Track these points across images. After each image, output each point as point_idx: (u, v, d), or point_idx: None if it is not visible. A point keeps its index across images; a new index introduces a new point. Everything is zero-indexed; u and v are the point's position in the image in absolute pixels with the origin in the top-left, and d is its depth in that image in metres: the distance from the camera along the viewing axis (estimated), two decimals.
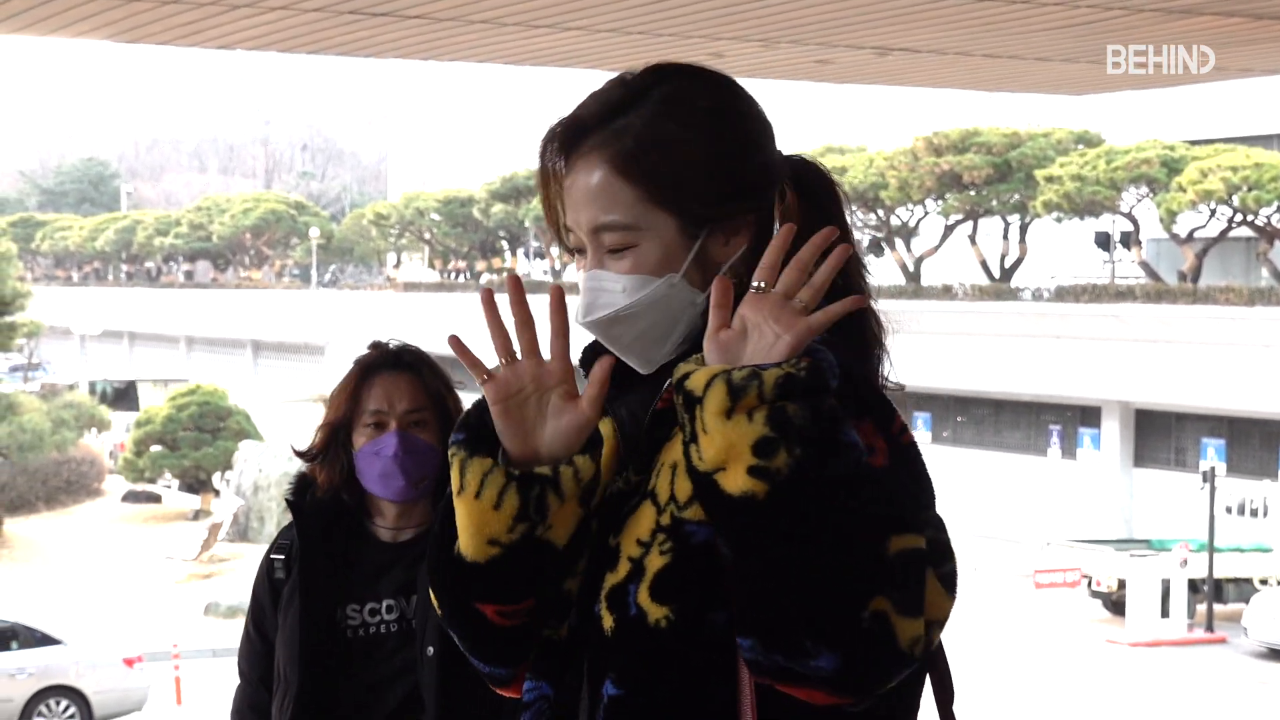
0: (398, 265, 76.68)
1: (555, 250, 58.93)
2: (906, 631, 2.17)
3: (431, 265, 69.96)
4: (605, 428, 2.36)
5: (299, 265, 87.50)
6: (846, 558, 2.16)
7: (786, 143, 2.44)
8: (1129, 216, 41.60)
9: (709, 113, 2.35)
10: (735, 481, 2.18)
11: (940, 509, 2.28)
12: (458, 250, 66.31)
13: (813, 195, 2.41)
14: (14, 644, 23.85)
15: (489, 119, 71.78)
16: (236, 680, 4.56)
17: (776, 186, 2.37)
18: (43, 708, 23.48)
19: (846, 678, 2.19)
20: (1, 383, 42.99)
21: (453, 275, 67.05)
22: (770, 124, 2.39)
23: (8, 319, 41.00)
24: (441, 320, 61.16)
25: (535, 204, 56.77)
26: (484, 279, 63.07)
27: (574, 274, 39.19)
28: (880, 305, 2.62)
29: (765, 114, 2.39)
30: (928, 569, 2.19)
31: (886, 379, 2.53)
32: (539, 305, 2.25)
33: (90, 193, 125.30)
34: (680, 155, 2.33)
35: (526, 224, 59.60)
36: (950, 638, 2.45)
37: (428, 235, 67.66)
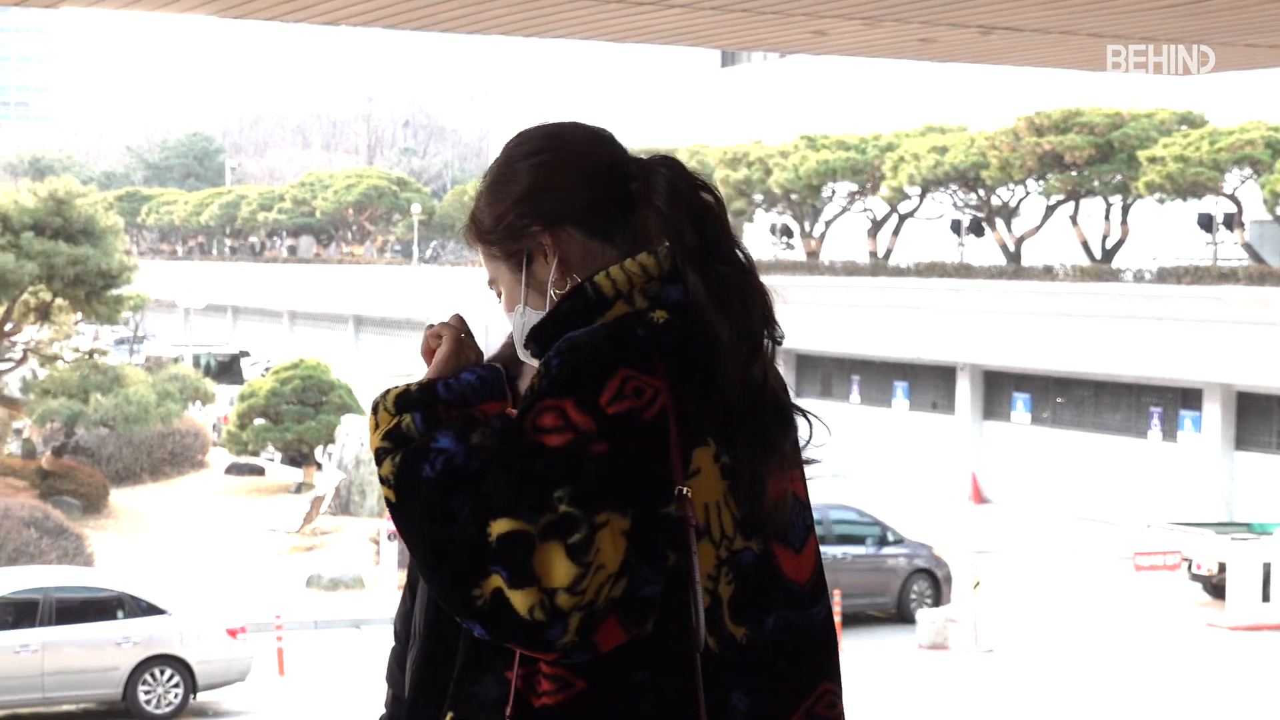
0: None
1: None
2: (522, 602, 2.59)
3: None
4: None
5: (400, 241, 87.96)
6: (450, 547, 2.63)
7: (886, 122, 2.61)
8: (1232, 198, 41.27)
9: (494, 170, 2.95)
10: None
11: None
12: None
13: (672, 194, 2.85)
14: (120, 613, 24.15)
15: (588, 96, 71.89)
16: (346, 649, 4.70)
17: (572, 208, 2.87)
18: (148, 676, 23.78)
19: (507, 642, 2.67)
20: (108, 355, 43.37)
21: None
22: (593, 153, 2.93)
23: (114, 292, 41.34)
24: None
25: None
26: None
27: None
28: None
29: (565, 146, 2.95)
30: (540, 544, 2.58)
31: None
32: None
33: (195, 168, 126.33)
34: (480, 212, 2.93)
35: None
36: (1051, 619, 2.59)
37: None
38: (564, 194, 2.88)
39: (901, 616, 29.66)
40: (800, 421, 2.94)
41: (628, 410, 2.66)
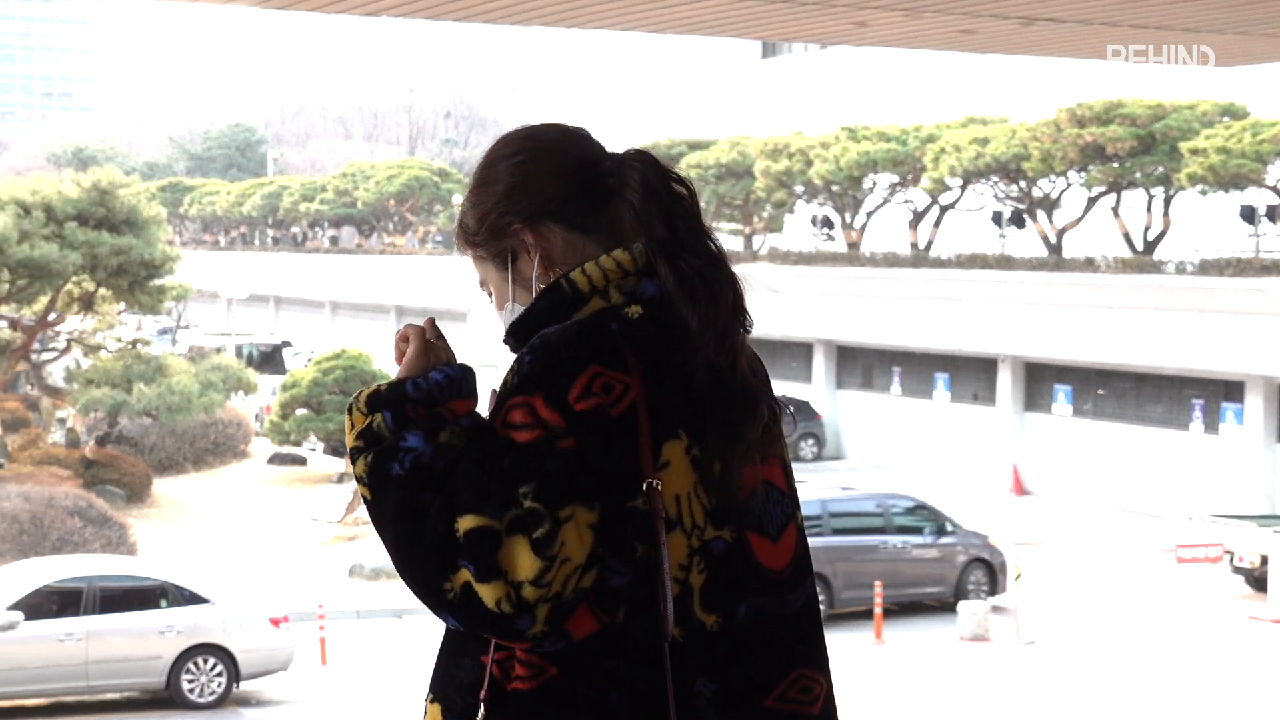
0: None
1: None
2: (489, 595, 2.68)
3: None
4: None
5: (442, 232, 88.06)
6: (420, 542, 2.74)
7: (927, 113, 2.65)
8: (1275, 190, 41.12)
9: (477, 174, 3.03)
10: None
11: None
12: None
13: (644, 188, 2.91)
14: (163, 602, 24.28)
15: (629, 87, 71.94)
16: (388, 639, 4.78)
17: (546, 203, 2.95)
18: (191, 665, 23.91)
19: (480, 633, 2.77)
20: (150, 345, 43.56)
21: None
22: (565, 150, 2.99)
23: (157, 282, 41.55)
24: None
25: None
26: None
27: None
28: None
29: (560, 146, 3.00)
30: (506, 539, 2.67)
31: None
32: None
33: (237, 158, 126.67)
34: (465, 215, 3.03)
35: None
36: (1092, 612, 2.64)
37: None
38: (541, 191, 2.95)
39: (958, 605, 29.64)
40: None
41: (595, 407, 2.74)
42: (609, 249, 2.92)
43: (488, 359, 9.65)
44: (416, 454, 2.80)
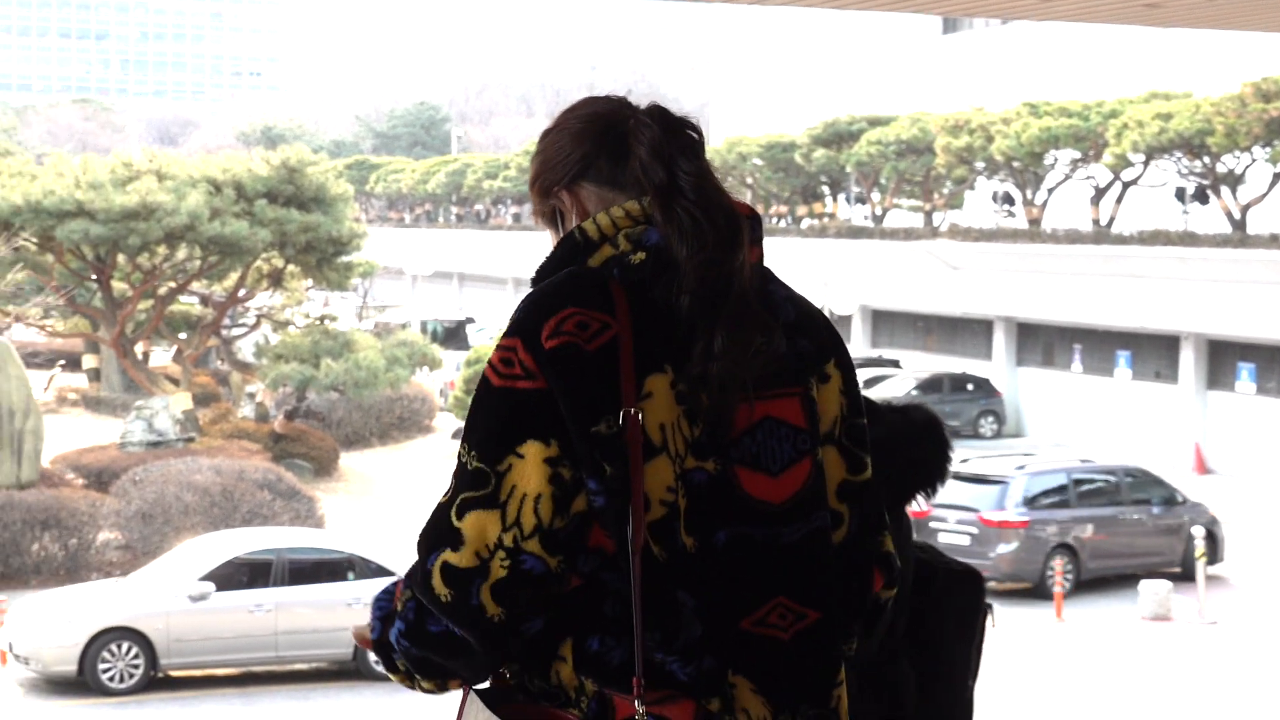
0: None
1: (877, 196, 58.92)
2: (467, 559, 2.99)
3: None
4: None
5: None
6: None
7: (1109, 88, 2.89)
8: None
9: (535, 150, 3.35)
10: None
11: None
12: (779, 195, 66.58)
13: (651, 139, 3.20)
14: (350, 574, 24.74)
15: (811, 63, 71.87)
16: None
17: (573, 167, 3.25)
18: None
19: (526, 601, 3.02)
20: (338, 321, 44.22)
21: (774, 220, 67.35)
22: (594, 127, 3.26)
23: (343, 259, 42.15)
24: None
25: (857, 149, 56.73)
26: (805, 224, 63.24)
27: (895, 219, 39.21)
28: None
29: (587, 115, 3.29)
30: (452, 510, 3.03)
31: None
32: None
33: (422, 136, 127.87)
34: (529, 186, 3.38)
35: (848, 169, 59.62)
36: (1276, 593, 2.81)
37: (749, 180, 68.04)
38: (572, 155, 3.25)
39: (1186, 574, 29.78)
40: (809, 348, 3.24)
41: (563, 344, 3.02)
42: (638, 199, 3.21)
43: None
44: (398, 629, 3.15)
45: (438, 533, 3.03)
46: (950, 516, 29.34)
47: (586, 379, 3.01)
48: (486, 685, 3.16)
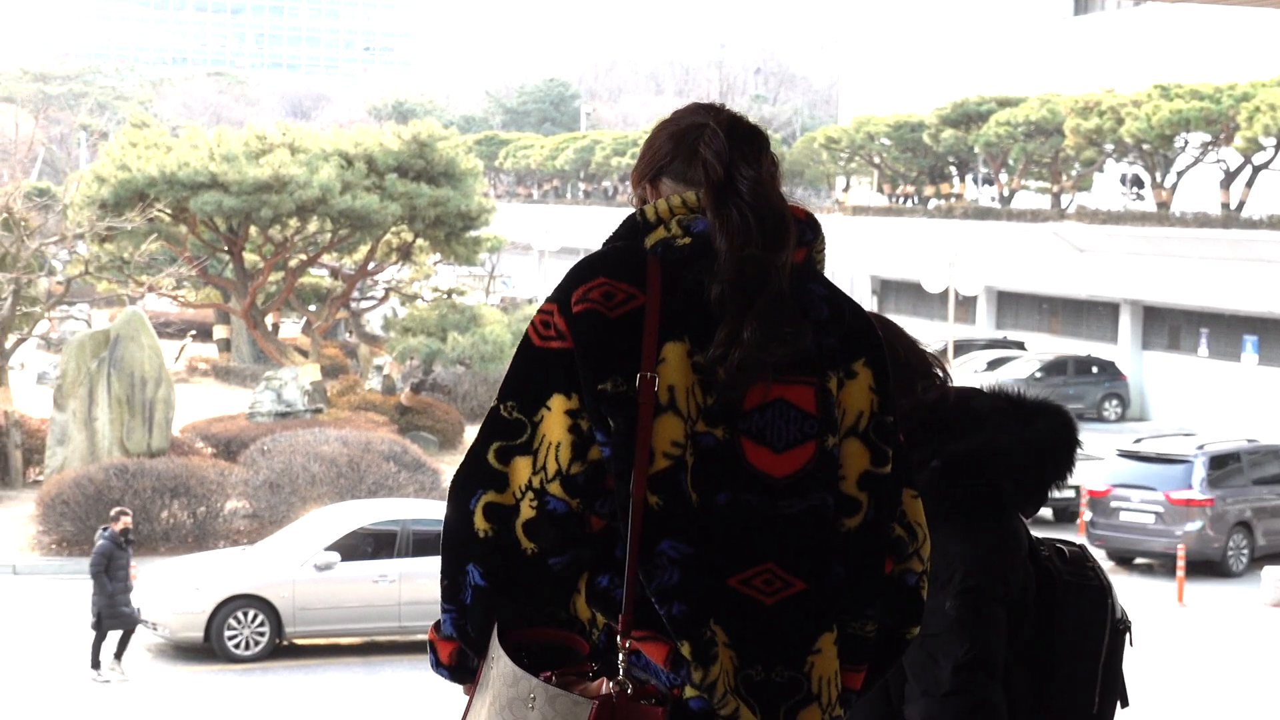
0: (846, 189, 77.07)
1: (1004, 177, 58.69)
2: (504, 498, 3.40)
3: (880, 189, 70.14)
4: None
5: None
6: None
7: (1242, 71, 3.06)
8: None
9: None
10: None
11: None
12: (906, 175, 66.42)
13: (717, 145, 3.49)
14: None
15: (940, 44, 71.60)
16: None
17: (656, 164, 3.58)
18: None
19: (560, 540, 3.38)
20: (465, 294, 44.58)
21: (901, 200, 67.22)
22: (678, 130, 3.59)
23: (472, 233, 42.46)
24: (888, 244, 61.46)
25: (985, 130, 56.54)
26: (932, 204, 63.08)
27: (1022, 201, 39.10)
28: None
29: (675, 120, 3.62)
30: (490, 456, 3.43)
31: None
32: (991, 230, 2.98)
33: (551, 113, 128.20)
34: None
35: (976, 150, 59.44)
36: None
37: (877, 160, 67.94)
38: (657, 155, 3.58)
39: None
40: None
41: (587, 310, 3.37)
42: None
43: None
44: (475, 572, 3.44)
45: (479, 476, 3.41)
46: (1134, 496, 30.05)
47: (601, 342, 3.35)
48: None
